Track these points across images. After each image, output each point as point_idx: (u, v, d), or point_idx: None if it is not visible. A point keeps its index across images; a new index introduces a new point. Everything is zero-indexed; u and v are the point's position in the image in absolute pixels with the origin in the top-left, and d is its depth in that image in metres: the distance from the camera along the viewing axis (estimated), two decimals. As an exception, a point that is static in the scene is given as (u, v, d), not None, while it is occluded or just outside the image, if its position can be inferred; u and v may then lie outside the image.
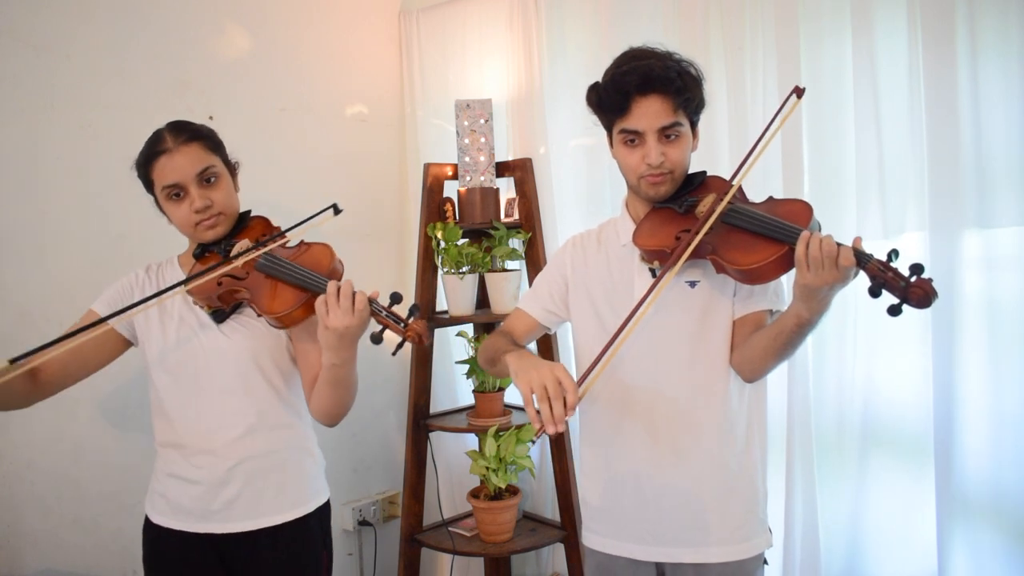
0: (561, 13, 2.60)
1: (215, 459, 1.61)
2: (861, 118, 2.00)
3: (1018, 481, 1.83)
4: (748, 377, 1.55)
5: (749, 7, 2.14)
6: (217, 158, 1.63)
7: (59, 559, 2.12)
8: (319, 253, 1.58)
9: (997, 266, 1.84)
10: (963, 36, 1.83)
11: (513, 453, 2.44)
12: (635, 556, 1.59)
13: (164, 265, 1.73)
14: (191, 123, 1.64)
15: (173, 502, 1.64)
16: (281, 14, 2.65)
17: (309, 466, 1.72)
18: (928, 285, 1.23)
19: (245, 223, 1.68)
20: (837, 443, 2.09)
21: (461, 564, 2.87)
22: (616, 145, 1.57)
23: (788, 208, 1.45)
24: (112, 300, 1.66)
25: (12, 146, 2.07)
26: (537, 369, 1.37)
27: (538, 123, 2.64)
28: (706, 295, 1.55)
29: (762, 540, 1.57)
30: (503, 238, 2.59)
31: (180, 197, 1.59)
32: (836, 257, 1.27)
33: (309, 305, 1.51)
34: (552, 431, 1.33)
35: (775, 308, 1.55)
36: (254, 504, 1.63)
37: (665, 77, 1.47)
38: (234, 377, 1.62)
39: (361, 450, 2.86)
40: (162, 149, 1.58)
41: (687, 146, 1.55)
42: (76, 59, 2.18)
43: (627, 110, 1.49)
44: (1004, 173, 1.83)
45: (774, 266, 1.39)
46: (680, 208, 1.55)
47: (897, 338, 1.97)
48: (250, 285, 1.57)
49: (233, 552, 1.64)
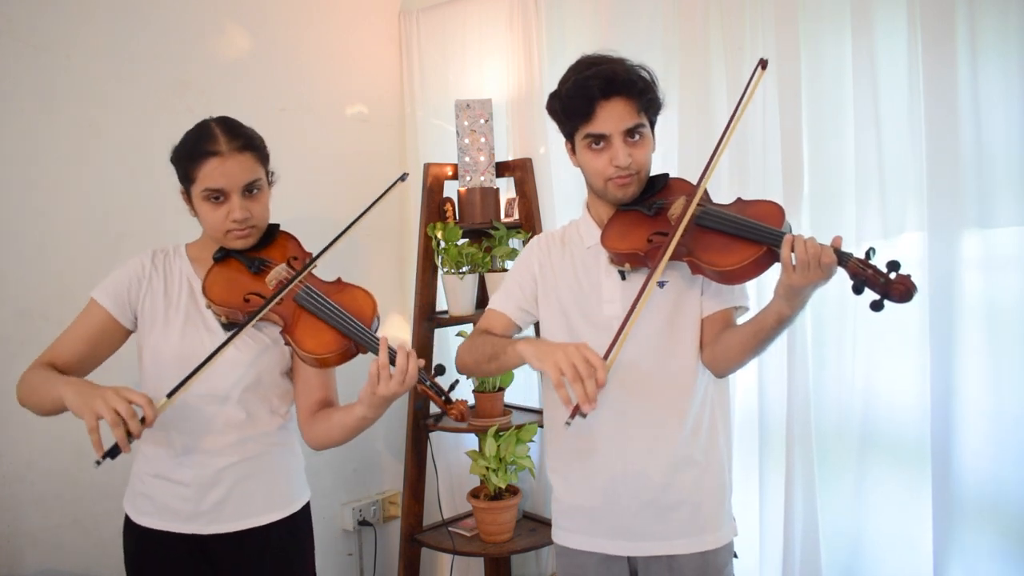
0: (561, 13, 2.60)
1: (205, 460, 1.59)
2: (861, 118, 2.00)
3: (1017, 482, 1.83)
4: (720, 373, 1.59)
5: (749, 7, 2.14)
6: (263, 171, 1.60)
7: (59, 559, 2.12)
8: (362, 300, 1.57)
9: (996, 266, 1.83)
10: (963, 36, 1.83)
11: (513, 453, 2.44)
12: (607, 551, 1.61)
13: (171, 255, 1.67)
14: (243, 127, 1.59)
15: (159, 503, 1.62)
16: (281, 14, 2.65)
17: (294, 465, 1.72)
18: (908, 281, 1.27)
19: (273, 237, 1.65)
20: (837, 444, 2.08)
21: (461, 564, 2.87)
22: (580, 151, 1.59)
23: (759, 209, 1.49)
24: (117, 291, 1.59)
25: (12, 146, 2.07)
26: (562, 349, 1.37)
27: (538, 123, 2.63)
28: (675, 294, 1.59)
29: (729, 530, 1.62)
30: (503, 238, 2.59)
31: (220, 201, 1.54)
32: (819, 257, 1.31)
33: (348, 354, 1.51)
34: (588, 410, 1.34)
35: (740, 305, 1.60)
36: (244, 505, 1.62)
37: (628, 80, 1.52)
38: (233, 386, 1.60)
39: (361, 450, 2.86)
40: (214, 151, 1.52)
41: (650, 147, 1.59)
42: (76, 59, 2.18)
43: (592, 114, 1.52)
44: (1004, 173, 1.82)
45: (753, 267, 1.43)
46: (649, 211, 1.58)
47: (897, 339, 1.97)
48: (283, 313, 1.54)
49: (221, 552, 1.63)
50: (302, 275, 1.55)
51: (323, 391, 1.65)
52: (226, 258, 1.61)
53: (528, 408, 2.76)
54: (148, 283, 1.61)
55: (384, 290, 2.93)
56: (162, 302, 1.61)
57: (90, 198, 2.19)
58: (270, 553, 1.65)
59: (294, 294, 1.54)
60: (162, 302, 1.61)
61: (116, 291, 1.60)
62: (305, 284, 1.55)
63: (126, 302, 1.60)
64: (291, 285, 1.53)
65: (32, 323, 2.08)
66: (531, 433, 2.47)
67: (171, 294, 1.62)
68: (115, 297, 1.59)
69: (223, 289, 1.56)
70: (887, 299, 1.28)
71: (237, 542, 1.62)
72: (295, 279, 1.54)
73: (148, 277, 1.62)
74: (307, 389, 1.65)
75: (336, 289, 1.60)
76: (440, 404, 1.47)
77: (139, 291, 1.60)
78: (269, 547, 1.64)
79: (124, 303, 1.60)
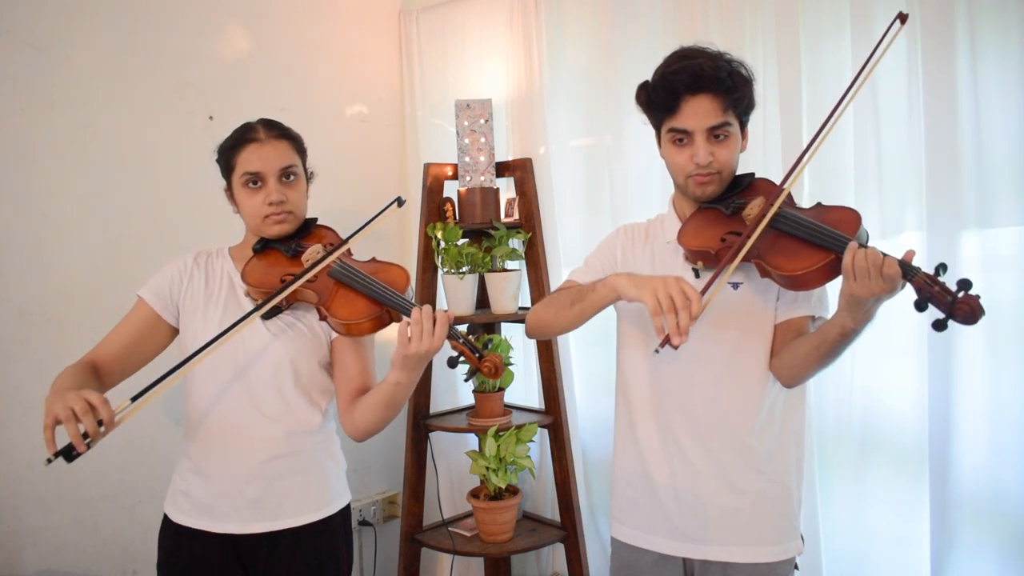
0: (561, 13, 2.60)
1: (243, 455, 1.60)
2: (860, 118, 2.00)
3: (1015, 483, 1.83)
4: (787, 382, 1.54)
5: (749, 7, 2.15)
6: (300, 160, 1.67)
7: (59, 559, 2.12)
8: (397, 274, 1.60)
9: (996, 266, 1.84)
10: (963, 36, 1.83)
11: (513, 453, 2.44)
12: (663, 551, 1.58)
13: (214, 256, 1.72)
14: (282, 123, 1.69)
15: (196, 500, 1.62)
16: (281, 14, 2.65)
17: (332, 468, 1.71)
18: (975, 301, 1.23)
19: (310, 229, 1.69)
20: (836, 445, 2.09)
21: (461, 564, 2.87)
22: (664, 144, 1.57)
23: (837, 215, 1.44)
24: (160, 288, 1.65)
25: (12, 146, 2.07)
26: (661, 280, 1.36)
27: (538, 123, 2.64)
28: (749, 298, 1.54)
29: (793, 545, 1.57)
30: (503, 238, 2.59)
31: (257, 186, 1.60)
32: (881, 267, 1.27)
33: (380, 320, 1.53)
34: (678, 343, 1.33)
35: (817, 315, 1.54)
36: (278, 505, 1.61)
37: (715, 76, 1.47)
38: (271, 376, 1.61)
39: (361, 450, 2.86)
40: (253, 137, 1.62)
41: (736, 147, 1.55)
42: (76, 59, 2.18)
43: (676, 109, 1.49)
44: (1003, 173, 1.83)
45: (819, 273, 1.38)
46: (727, 210, 1.54)
47: (896, 341, 1.97)
48: (319, 289, 1.57)
49: (253, 553, 1.62)
50: (338, 251, 1.58)
51: (361, 378, 1.64)
52: (265, 249, 1.65)
53: (528, 408, 2.76)
54: (189, 279, 1.66)
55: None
56: (203, 296, 1.65)
57: (90, 198, 2.19)
58: (302, 555, 1.63)
59: (329, 269, 1.57)
60: (203, 296, 1.65)
61: (159, 287, 1.65)
62: (340, 260, 1.58)
63: (168, 297, 1.64)
64: (327, 259, 1.56)
65: (32, 323, 2.08)
66: (531, 433, 2.47)
67: (212, 288, 1.66)
68: (158, 293, 1.64)
69: (261, 272, 1.60)
70: (951, 319, 1.24)
71: (271, 543, 1.61)
72: (331, 253, 1.58)
73: (190, 273, 1.67)
74: (345, 378, 1.64)
75: (371, 265, 1.63)
76: (473, 360, 1.45)
77: (180, 287, 1.65)
78: (301, 549, 1.63)
79: (167, 298, 1.64)
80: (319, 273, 1.57)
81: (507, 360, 2.59)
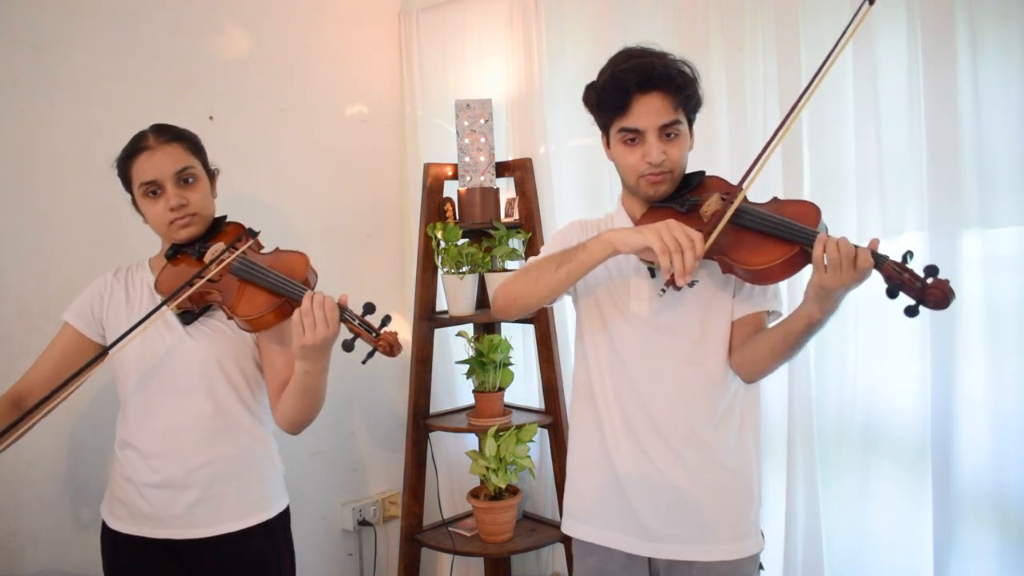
0: (561, 13, 2.60)
1: (175, 462, 1.60)
2: (861, 118, 2.00)
3: (1018, 482, 1.83)
4: (749, 378, 1.56)
5: (749, 7, 2.14)
6: (197, 161, 1.65)
7: (59, 559, 2.12)
8: (294, 261, 1.59)
9: (997, 266, 1.83)
10: (963, 36, 1.83)
11: (513, 453, 2.43)
12: (628, 550, 1.58)
13: (134, 268, 1.73)
14: (175, 126, 1.67)
15: (132, 507, 1.62)
16: (281, 14, 2.65)
17: (270, 473, 1.70)
18: (945, 286, 1.24)
19: (220, 227, 1.68)
20: (838, 445, 2.08)
21: (461, 564, 2.87)
22: (614, 145, 1.57)
23: (796, 209, 1.45)
24: (82, 309, 1.66)
25: (12, 146, 2.07)
26: (664, 223, 1.37)
27: (538, 123, 2.64)
28: (706, 295, 1.56)
29: (754, 542, 1.57)
30: (503, 238, 2.59)
31: (156, 195, 1.60)
32: (854, 259, 1.28)
33: (282, 311, 1.52)
34: (682, 283, 1.35)
35: (772, 309, 1.56)
36: (216, 510, 1.61)
37: (666, 74, 1.48)
38: (198, 380, 1.61)
39: (361, 450, 2.87)
40: (144, 146, 1.60)
41: (686, 145, 1.56)
42: (76, 59, 2.18)
43: (627, 108, 1.49)
44: (1004, 173, 1.82)
45: (784, 267, 1.40)
46: (682, 207, 1.55)
47: (898, 339, 1.97)
48: (223, 288, 1.57)
49: (194, 558, 1.62)
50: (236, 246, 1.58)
51: (288, 370, 1.61)
52: (177, 255, 1.65)
53: (528, 408, 2.76)
54: (110, 295, 1.67)
55: (384, 290, 2.93)
56: (124, 310, 1.65)
57: (90, 198, 2.18)
58: (246, 559, 1.64)
59: (230, 267, 1.57)
60: (124, 310, 1.65)
61: (81, 308, 1.66)
62: (241, 256, 1.57)
63: (91, 316, 1.66)
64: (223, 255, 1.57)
65: (32, 323, 2.08)
66: (531, 433, 2.47)
67: (132, 302, 1.67)
68: (80, 314, 1.65)
69: (172, 279, 1.61)
70: (922, 305, 1.25)
71: (212, 548, 1.61)
72: (227, 249, 1.58)
73: (110, 290, 1.68)
74: (273, 371, 1.65)
75: (273, 259, 1.61)
76: (369, 340, 1.42)
77: (102, 304, 1.66)
78: (246, 553, 1.63)
79: (90, 317, 1.65)
80: (223, 273, 1.57)
81: (507, 360, 2.59)
